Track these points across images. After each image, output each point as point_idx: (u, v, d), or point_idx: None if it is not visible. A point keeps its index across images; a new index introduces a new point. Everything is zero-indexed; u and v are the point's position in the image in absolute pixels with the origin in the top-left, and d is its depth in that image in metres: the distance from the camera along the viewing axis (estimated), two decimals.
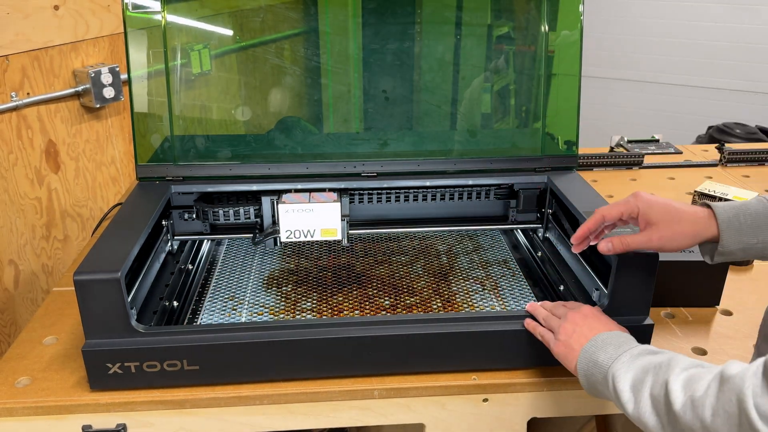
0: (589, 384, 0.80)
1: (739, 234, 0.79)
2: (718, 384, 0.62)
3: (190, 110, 1.22)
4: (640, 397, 0.70)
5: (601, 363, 0.77)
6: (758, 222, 0.79)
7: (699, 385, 0.64)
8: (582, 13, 1.15)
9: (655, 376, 0.70)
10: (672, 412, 0.65)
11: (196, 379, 0.90)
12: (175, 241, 1.16)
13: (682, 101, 3.81)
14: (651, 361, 0.73)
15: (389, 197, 1.20)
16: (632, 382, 0.72)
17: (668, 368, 0.69)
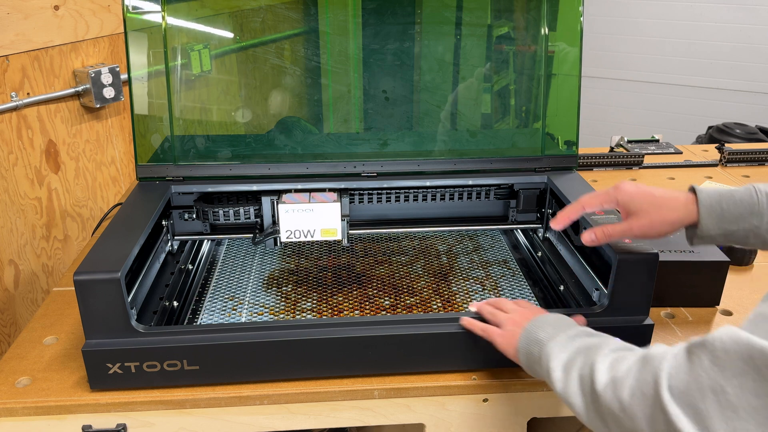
0: (528, 361, 0.80)
1: (720, 220, 0.80)
2: (639, 365, 0.61)
3: (190, 110, 1.22)
4: (569, 377, 0.70)
5: (540, 340, 0.78)
6: (741, 210, 0.79)
7: (622, 366, 0.63)
8: (582, 13, 1.15)
9: (585, 357, 0.70)
10: (594, 392, 0.65)
11: (196, 379, 0.90)
12: (175, 241, 1.16)
13: (682, 101, 3.81)
14: (585, 342, 0.73)
15: (389, 197, 1.20)
16: (564, 362, 0.72)
17: (598, 349, 0.69)
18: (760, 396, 0.49)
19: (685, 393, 0.54)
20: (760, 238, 0.80)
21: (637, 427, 0.59)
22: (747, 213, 0.79)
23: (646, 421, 0.58)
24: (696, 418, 0.53)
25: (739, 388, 0.50)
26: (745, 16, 3.52)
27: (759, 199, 0.79)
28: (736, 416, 0.50)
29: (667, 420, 0.55)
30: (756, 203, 0.79)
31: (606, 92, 3.97)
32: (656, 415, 0.56)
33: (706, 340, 0.55)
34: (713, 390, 0.52)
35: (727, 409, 0.51)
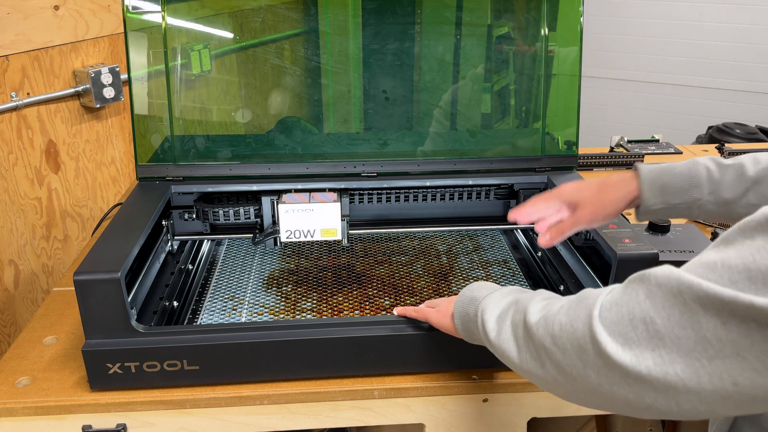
0: (463, 324, 0.80)
1: (662, 194, 0.82)
2: (572, 303, 0.62)
3: (190, 110, 1.22)
4: (502, 326, 0.70)
5: (476, 298, 0.78)
6: (681, 183, 0.82)
7: (554, 305, 0.64)
8: (582, 13, 1.15)
9: (517, 305, 0.71)
10: (527, 332, 0.65)
11: (196, 379, 0.90)
12: (175, 241, 1.16)
13: (682, 101, 3.81)
14: (518, 296, 0.73)
15: (389, 197, 1.20)
16: (498, 314, 0.72)
17: (530, 298, 0.70)
18: (685, 327, 0.52)
19: (616, 323, 0.56)
20: (702, 210, 0.82)
21: (568, 359, 0.60)
22: (688, 186, 0.82)
23: (575, 352, 0.59)
24: (625, 345, 0.55)
25: (667, 320, 0.53)
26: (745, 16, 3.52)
27: (699, 172, 0.82)
28: (663, 344, 0.53)
29: (596, 347, 0.56)
30: (696, 176, 0.82)
31: (606, 92, 3.97)
32: (585, 345, 0.58)
33: (644, 274, 0.57)
34: (643, 321, 0.54)
35: (655, 338, 0.53)
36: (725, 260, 0.51)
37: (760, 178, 0.79)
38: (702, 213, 0.83)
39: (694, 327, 0.51)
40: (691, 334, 0.51)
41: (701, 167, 0.82)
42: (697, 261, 0.55)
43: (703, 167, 0.82)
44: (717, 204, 0.82)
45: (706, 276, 0.52)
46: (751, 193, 0.80)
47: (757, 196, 0.79)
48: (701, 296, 0.51)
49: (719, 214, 0.83)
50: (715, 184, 0.81)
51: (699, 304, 0.51)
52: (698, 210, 0.83)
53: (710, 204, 0.82)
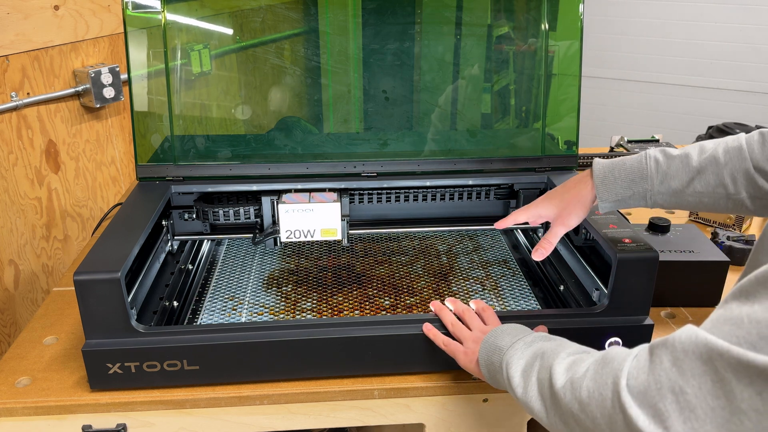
0: (489, 372, 0.80)
1: (614, 187, 0.86)
2: (598, 366, 0.61)
3: (190, 110, 1.22)
4: (528, 383, 0.70)
5: (500, 348, 0.78)
6: (632, 176, 0.85)
7: (580, 368, 0.63)
8: (582, 13, 1.15)
9: (542, 361, 0.70)
10: (554, 395, 0.65)
11: (196, 379, 0.90)
12: (175, 241, 1.16)
13: (682, 101, 3.81)
14: (542, 347, 0.73)
15: (389, 197, 1.20)
16: (523, 368, 0.72)
17: (554, 353, 0.69)
18: (718, 397, 0.49)
19: (644, 393, 0.54)
20: (654, 200, 0.86)
21: (597, 428, 0.58)
22: (638, 177, 0.85)
23: (605, 422, 0.57)
24: (655, 417, 0.53)
25: (698, 389, 0.50)
26: (745, 16, 3.52)
27: (648, 164, 0.85)
28: (695, 416, 0.50)
29: (627, 420, 0.54)
30: (645, 168, 0.85)
31: (606, 92, 3.96)
32: (615, 415, 0.56)
33: (667, 340, 0.55)
34: (672, 390, 0.52)
35: (686, 409, 0.51)
36: (751, 315, 0.49)
37: (702, 167, 0.82)
38: (654, 203, 0.87)
39: (728, 397, 0.49)
40: (725, 404, 0.49)
41: (650, 160, 0.85)
42: (721, 317, 0.52)
43: (652, 159, 0.85)
44: (667, 194, 0.85)
45: (734, 334, 0.49)
46: (696, 182, 0.83)
47: (702, 184, 0.83)
48: (733, 364, 0.48)
49: (671, 203, 0.86)
50: (663, 175, 0.84)
51: (731, 372, 0.48)
52: (651, 200, 0.86)
53: (660, 194, 0.85)
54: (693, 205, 0.85)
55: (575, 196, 0.90)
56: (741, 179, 0.81)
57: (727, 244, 1.22)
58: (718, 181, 0.82)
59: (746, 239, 1.24)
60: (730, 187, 0.81)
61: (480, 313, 0.91)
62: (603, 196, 0.87)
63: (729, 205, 0.83)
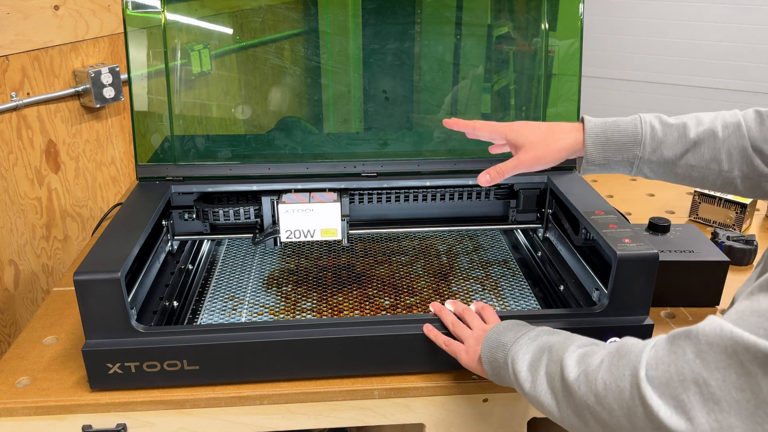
0: (493, 369, 0.79)
1: (605, 149, 0.82)
2: (613, 358, 0.61)
3: (190, 110, 1.22)
4: (536, 377, 0.70)
5: (504, 344, 0.77)
6: (625, 139, 0.81)
7: (593, 360, 0.63)
8: (582, 13, 1.15)
9: (550, 355, 0.70)
10: (566, 387, 0.64)
11: (196, 379, 0.90)
12: (175, 241, 1.16)
13: (682, 101, 3.81)
14: (548, 341, 0.73)
15: (389, 197, 1.20)
16: (530, 362, 0.72)
17: (563, 346, 0.69)
18: (743, 390, 0.49)
19: (665, 384, 0.54)
20: (640, 168, 0.83)
21: (615, 420, 0.58)
22: (630, 142, 0.81)
23: (623, 413, 0.57)
24: (677, 408, 0.52)
25: (723, 381, 0.50)
26: (745, 16, 3.52)
27: (643, 128, 0.81)
28: (719, 408, 0.50)
29: (648, 411, 0.54)
30: (639, 133, 0.81)
31: (606, 92, 3.96)
32: (634, 407, 0.56)
33: (691, 331, 0.54)
34: (696, 382, 0.52)
35: (710, 401, 0.50)
36: None
37: (700, 140, 0.79)
38: (640, 171, 0.83)
39: (753, 390, 0.48)
40: (750, 398, 0.49)
41: (646, 125, 0.82)
42: (748, 308, 0.52)
43: (648, 125, 0.82)
44: (657, 163, 0.81)
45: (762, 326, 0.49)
46: (689, 155, 0.80)
47: (695, 158, 0.80)
48: (760, 357, 0.48)
49: (657, 173, 0.83)
50: (658, 142, 0.81)
51: (758, 365, 0.48)
52: (637, 168, 0.83)
53: (650, 163, 0.82)
54: (680, 177, 0.82)
55: (559, 148, 0.84)
56: (737, 157, 0.78)
57: (727, 244, 1.22)
58: (713, 156, 0.79)
59: (746, 239, 1.24)
60: (724, 163, 0.79)
61: (480, 313, 0.91)
62: (592, 157, 0.83)
63: (717, 182, 0.81)
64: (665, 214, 1.47)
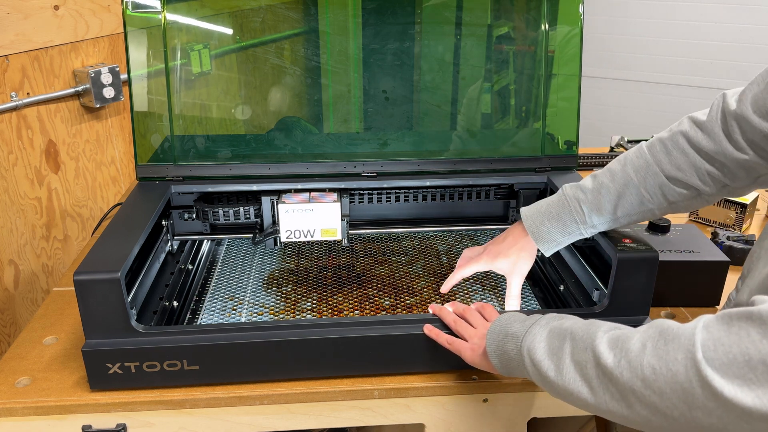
0: (502, 363, 0.79)
1: (550, 236, 0.92)
2: (657, 342, 0.61)
3: (190, 110, 1.22)
4: (561, 365, 0.69)
5: (515, 334, 0.77)
6: (562, 220, 0.90)
7: (631, 345, 0.63)
8: (582, 13, 1.15)
9: (574, 342, 0.69)
10: (605, 374, 0.64)
11: (196, 379, 0.90)
12: (175, 241, 1.16)
13: (682, 101, 3.81)
14: (563, 326, 0.73)
15: (389, 197, 1.20)
16: (549, 351, 0.72)
17: (588, 333, 0.69)
18: None
19: (729, 365, 0.55)
20: (589, 232, 0.91)
21: (667, 402, 0.58)
22: (568, 220, 0.90)
23: (677, 396, 0.57)
24: (744, 386, 0.53)
25: None
26: (745, 16, 3.52)
27: (571, 205, 0.90)
28: None
29: (710, 391, 0.55)
30: (570, 210, 0.90)
31: (606, 92, 3.96)
32: (692, 389, 0.56)
33: (753, 313, 0.55)
34: (763, 362, 0.53)
35: None
36: None
37: (621, 192, 0.87)
38: (591, 233, 0.92)
39: None
40: None
41: (572, 201, 0.90)
42: None
43: (573, 199, 0.90)
44: (600, 224, 0.90)
45: None
46: (620, 208, 0.88)
47: (627, 207, 0.87)
48: None
49: (607, 228, 0.91)
50: (588, 210, 0.89)
51: None
52: (588, 233, 0.91)
53: (593, 227, 0.90)
54: (626, 224, 0.90)
55: (521, 250, 0.96)
56: (659, 192, 0.85)
57: (727, 244, 1.22)
58: (639, 199, 0.86)
59: (746, 239, 1.24)
60: (652, 200, 0.86)
61: (481, 311, 0.91)
62: (543, 246, 0.93)
63: (657, 214, 0.88)
64: None
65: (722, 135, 0.78)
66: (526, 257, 0.97)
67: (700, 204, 0.86)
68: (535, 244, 0.93)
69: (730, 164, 0.79)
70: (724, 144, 0.78)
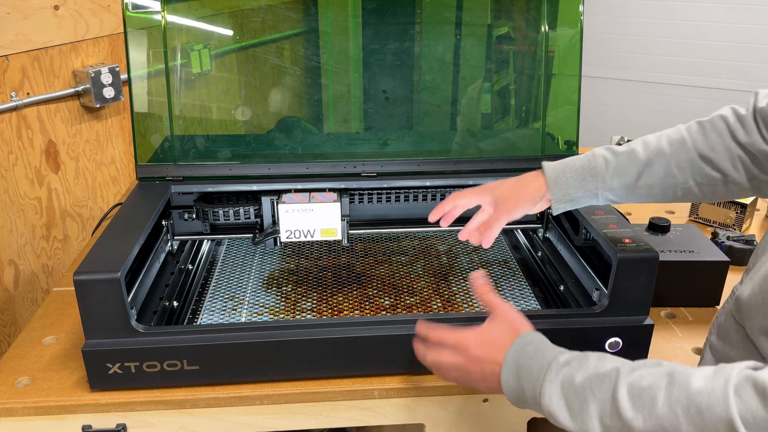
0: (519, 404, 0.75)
1: (567, 187, 0.88)
2: (690, 411, 0.60)
3: (190, 110, 1.22)
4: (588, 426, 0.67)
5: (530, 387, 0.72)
6: (583, 174, 0.88)
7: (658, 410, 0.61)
8: (582, 13, 1.15)
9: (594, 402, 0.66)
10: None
11: (196, 379, 0.90)
12: (175, 241, 1.16)
13: (682, 101, 3.81)
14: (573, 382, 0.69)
15: (389, 197, 1.20)
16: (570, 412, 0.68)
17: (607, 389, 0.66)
18: None
19: None
20: (605, 197, 0.88)
21: None
22: (589, 176, 0.88)
23: None
24: None
25: None
26: (745, 16, 3.52)
27: (596, 162, 0.88)
28: None
29: None
30: (594, 166, 0.88)
31: (606, 92, 3.97)
32: None
33: None
34: None
35: None
36: None
37: (650, 160, 0.86)
38: (606, 199, 0.89)
39: None
40: None
41: (599, 158, 0.88)
42: None
43: (600, 158, 0.88)
44: (618, 189, 0.87)
45: None
46: (645, 175, 0.86)
47: (651, 176, 0.86)
48: None
49: (623, 197, 0.89)
50: (612, 171, 0.87)
51: None
52: (602, 197, 0.89)
53: (612, 190, 0.88)
54: (643, 196, 0.88)
55: (524, 190, 0.91)
56: (688, 168, 0.85)
57: (727, 244, 1.22)
58: (666, 171, 0.85)
59: (746, 239, 1.24)
60: (678, 176, 0.85)
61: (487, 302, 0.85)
62: (556, 195, 0.89)
63: (678, 194, 0.87)
64: (665, 214, 1.47)
65: (755, 128, 0.81)
66: (527, 201, 0.91)
67: (723, 194, 0.86)
68: (545, 190, 0.89)
69: (760, 156, 0.81)
70: (755, 136, 0.81)
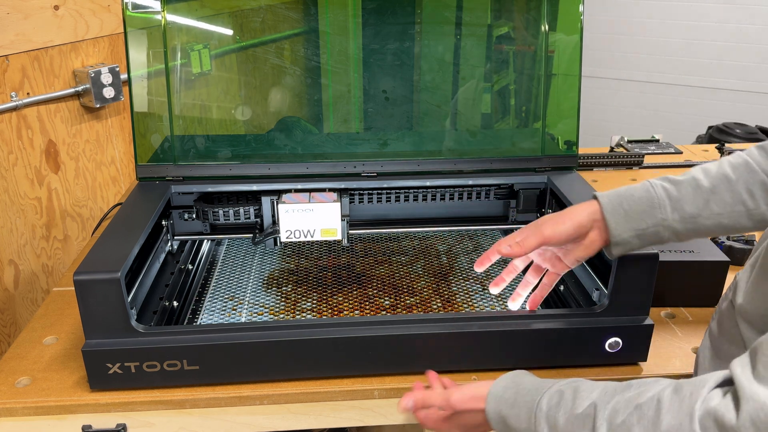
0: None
1: (627, 220, 0.79)
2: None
3: (190, 110, 1.22)
4: None
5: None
6: (643, 206, 0.79)
7: None
8: (582, 13, 1.15)
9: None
10: None
11: (196, 379, 0.90)
12: (175, 241, 1.16)
13: (682, 101, 3.81)
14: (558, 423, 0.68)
15: (389, 197, 1.20)
16: None
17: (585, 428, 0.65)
18: None
19: None
20: (671, 230, 0.79)
21: None
22: (649, 207, 0.79)
23: None
24: None
25: None
26: (745, 16, 3.52)
27: (657, 192, 0.79)
28: None
29: None
30: (655, 197, 0.79)
31: (606, 92, 3.97)
32: None
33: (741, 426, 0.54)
34: None
35: None
36: None
37: (715, 187, 0.78)
38: (672, 234, 0.80)
39: None
40: None
41: (658, 188, 0.80)
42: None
43: (660, 188, 0.80)
44: (683, 221, 0.79)
45: None
46: (712, 203, 0.78)
47: (719, 205, 0.78)
48: None
49: (688, 231, 0.80)
50: (675, 201, 0.79)
51: None
52: (668, 231, 0.80)
53: (677, 222, 0.79)
54: (711, 229, 0.79)
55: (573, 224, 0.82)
56: (758, 192, 0.77)
57: (727, 244, 1.22)
58: (735, 198, 0.78)
59: (746, 239, 1.24)
60: (749, 202, 0.77)
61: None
62: (616, 231, 0.80)
63: (749, 223, 0.79)
64: None
65: None
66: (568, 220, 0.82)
67: None
68: (599, 216, 0.81)
69: None
70: None
